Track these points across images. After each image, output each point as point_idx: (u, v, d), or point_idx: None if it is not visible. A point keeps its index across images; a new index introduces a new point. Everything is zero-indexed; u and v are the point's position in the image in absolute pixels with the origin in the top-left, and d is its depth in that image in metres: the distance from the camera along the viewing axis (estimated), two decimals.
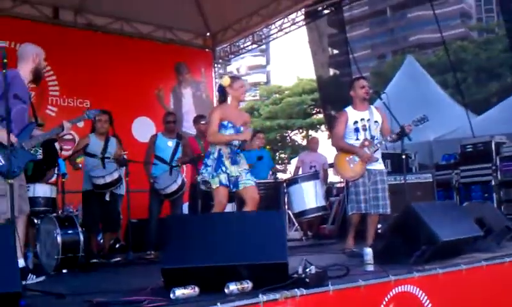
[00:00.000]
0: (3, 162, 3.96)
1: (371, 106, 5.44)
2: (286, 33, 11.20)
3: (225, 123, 4.84)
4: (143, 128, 9.64)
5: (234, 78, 5.13)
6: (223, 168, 4.77)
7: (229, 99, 4.97)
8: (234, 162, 4.84)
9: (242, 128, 4.89)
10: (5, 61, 3.84)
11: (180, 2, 9.97)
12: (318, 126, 27.22)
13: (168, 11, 10.01)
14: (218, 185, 4.74)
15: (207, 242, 3.30)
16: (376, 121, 5.33)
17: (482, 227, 4.80)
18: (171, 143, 6.70)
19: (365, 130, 5.30)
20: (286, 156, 27.11)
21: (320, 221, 7.94)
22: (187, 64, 11.24)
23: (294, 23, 10.85)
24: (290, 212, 7.45)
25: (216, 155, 4.83)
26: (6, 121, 3.75)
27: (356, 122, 5.32)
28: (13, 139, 3.93)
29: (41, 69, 4.35)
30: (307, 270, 3.32)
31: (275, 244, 3.29)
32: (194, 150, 6.99)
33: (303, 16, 10.80)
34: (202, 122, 7.31)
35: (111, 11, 9.91)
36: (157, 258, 6.00)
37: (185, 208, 7.21)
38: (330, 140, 11.53)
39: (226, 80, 4.97)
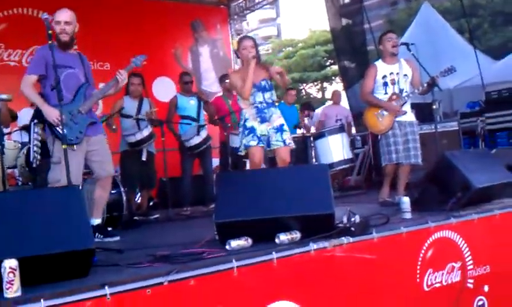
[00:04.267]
0: (65, 132, 3.96)
1: (401, 59, 5.46)
2: None
3: None
4: (164, 88, 9.73)
5: (240, 40, 5.14)
6: (247, 131, 4.79)
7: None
8: (263, 120, 4.81)
9: (264, 82, 4.85)
10: (50, 32, 3.90)
11: None
12: (333, 78, 26.99)
13: None
14: (246, 147, 4.80)
15: (256, 196, 3.46)
16: (405, 75, 5.35)
17: None
18: (193, 101, 6.82)
19: (393, 83, 5.32)
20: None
21: (345, 173, 8.09)
22: (202, 21, 11.18)
23: None
24: None
25: (242, 120, 4.88)
26: (57, 91, 3.85)
27: (384, 76, 5.34)
28: (55, 114, 3.96)
29: (58, 33, 4.16)
30: (352, 219, 3.50)
31: (321, 195, 3.44)
32: (222, 109, 7.13)
33: None
34: (228, 81, 7.40)
35: None
36: (193, 213, 6.23)
37: (216, 164, 7.38)
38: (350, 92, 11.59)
39: (235, 45, 5.03)
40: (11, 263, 2.48)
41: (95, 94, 4.36)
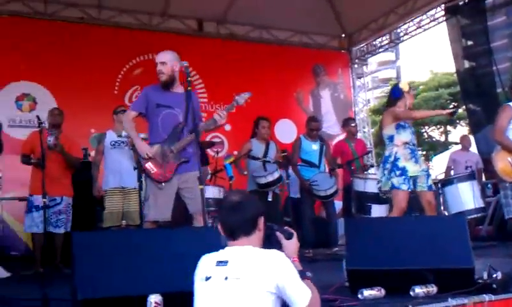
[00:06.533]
0: (155, 169, 4.16)
1: None
2: (425, 30, 10.89)
3: (402, 123, 4.99)
4: (285, 130, 9.97)
5: (411, 85, 5.24)
6: (399, 171, 4.82)
7: (400, 103, 5.05)
8: (417, 161, 4.93)
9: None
10: (189, 79, 4.01)
11: (315, 7, 10.02)
12: (457, 121, 25.82)
13: (303, 16, 10.13)
14: (392, 188, 4.85)
15: (389, 245, 3.37)
16: None
17: None
18: (315, 146, 6.80)
19: None
20: (424, 153, 26.11)
21: (475, 222, 7.64)
22: (324, 66, 11.35)
23: (433, 20, 10.50)
24: (446, 212, 7.26)
25: (392, 158, 4.92)
26: (195, 136, 4.05)
27: None
28: (146, 149, 4.18)
29: (157, 73, 4.28)
30: (493, 275, 3.28)
31: (460, 248, 3.29)
32: (345, 152, 7.09)
33: (442, 12, 10.39)
34: (352, 125, 7.40)
35: (250, 20, 10.27)
36: (315, 255, 6.22)
37: (338, 207, 7.31)
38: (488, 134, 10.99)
39: (405, 86, 5.11)
40: (156, 298, 2.63)
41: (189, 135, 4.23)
